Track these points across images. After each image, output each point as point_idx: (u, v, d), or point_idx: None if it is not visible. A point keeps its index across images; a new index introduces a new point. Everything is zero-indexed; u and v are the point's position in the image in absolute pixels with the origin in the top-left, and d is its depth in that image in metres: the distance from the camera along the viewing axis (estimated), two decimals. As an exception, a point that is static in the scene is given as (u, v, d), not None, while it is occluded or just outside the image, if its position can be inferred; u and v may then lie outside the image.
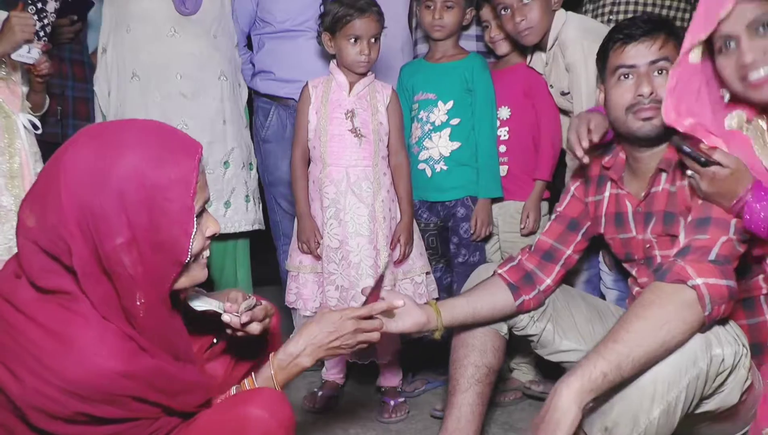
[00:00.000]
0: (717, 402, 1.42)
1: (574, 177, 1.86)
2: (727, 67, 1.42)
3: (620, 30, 1.64)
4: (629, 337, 1.32)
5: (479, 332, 1.76)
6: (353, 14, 2.12)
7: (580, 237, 1.82)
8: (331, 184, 2.18)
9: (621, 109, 1.61)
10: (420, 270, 2.26)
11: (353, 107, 2.20)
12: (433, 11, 2.32)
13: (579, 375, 1.31)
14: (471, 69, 2.35)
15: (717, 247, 1.40)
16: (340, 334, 1.38)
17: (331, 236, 2.18)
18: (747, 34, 1.37)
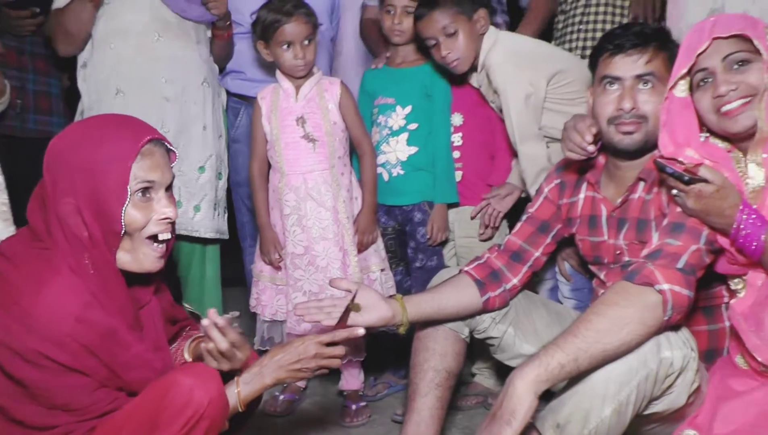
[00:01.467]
0: (666, 404, 1.46)
1: (548, 179, 1.89)
2: (703, 100, 1.48)
3: (611, 39, 1.66)
4: (589, 333, 1.35)
5: (440, 336, 1.77)
6: (281, 20, 2.12)
7: (549, 239, 1.85)
8: (290, 191, 2.19)
9: (603, 119, 1.65)
10: (375, 266, 2.27)
11: (302, 113, 2.20)
12: (393, 16, 2.31)
13: (536, 364, 1.34)
14: (430, 75, 2.36)
15: (686, 255, 1.43)
16: (301, 357, 1.42)
17: (296, 243, 2.19)
18: (722, 68, 1.43)
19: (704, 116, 1.49)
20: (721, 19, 1.47)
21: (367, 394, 2.34)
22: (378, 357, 2.43)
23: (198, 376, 1.30)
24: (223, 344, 1.37)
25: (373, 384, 2.41)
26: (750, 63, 1.42)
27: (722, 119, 1.45)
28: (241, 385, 1.39)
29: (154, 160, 1.35)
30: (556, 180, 1.86)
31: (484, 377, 2.32)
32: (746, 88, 1.42)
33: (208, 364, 1.41)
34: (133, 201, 1.32)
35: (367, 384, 2.38)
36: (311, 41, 2.17)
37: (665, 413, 1.48)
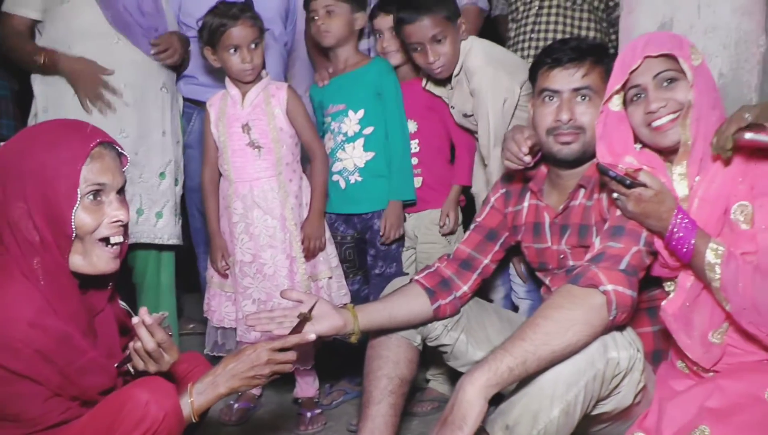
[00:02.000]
0: (613, 404, 1.49)
1: (495, 188, 1.93)
2: (636, 115, 1.55)
3: (550, 53, 1.72)
4: (537, 336, 1.37)
5: (393, 344, 1.78)
6: (227, 23, 2.11)
7: (497, 247, 1.88)
8: (237, 199, 2.18)
9: (542, 130, 1.70)
10: (323, 274, 2.26)
11: (248, 120, 2.19)
12: (317, 20, 2.30)
13: (485, 369, 1.36)
14: (378, 72, 2.34)
15: (628, 256, 1.48)
16: (254, 364, 1.43)
17: (244, 251, 2.18)
18: (653, 86, 1.50)
19: (637, 129, 1.56)
20: (652, 38, 1.54)
21: (322, 402, 2.33)
22: (334, 365, 2.42)
23: (154, 390, 1.30)
24: (150, 344, 1.35)
25: (328, 391, 2.39)
26: (677, 81, 1.50)
27: (653, 133, 1.52)
28: (195, 396, 1.38)
29: (105, 163, 1.36)
30: (501, 189, 1.90)
31: (438, 383, 2.33)
32: (674, 104, 1.49)
33: (136, 364, 1.40)
34: (84, 204, 1.33)
35: (322, 392, 2.37)
36: (258, 45, 2.15)
37: (613, 413, 1.51)
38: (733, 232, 1.47)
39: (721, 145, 1.42)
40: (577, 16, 2.57)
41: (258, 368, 1.42)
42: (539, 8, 2.59)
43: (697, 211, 1.49)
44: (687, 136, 1.47)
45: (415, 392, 2.30)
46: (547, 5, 2.58)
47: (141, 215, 2.37)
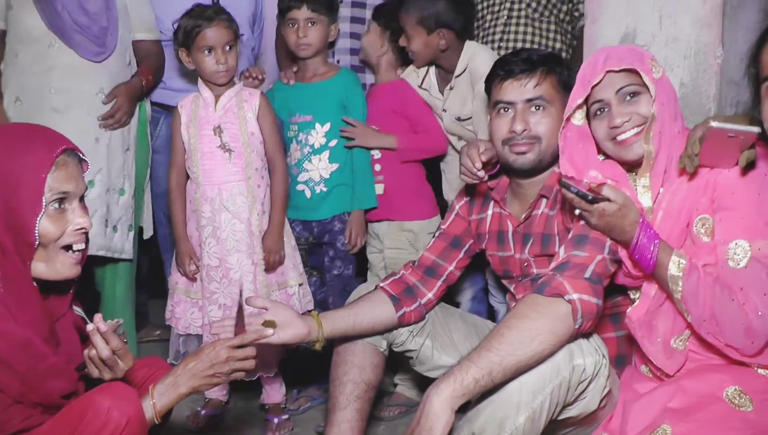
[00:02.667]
0: (579, 409, 1.51)
1: (459, 196, 1.94)
2: (599, 130, 1.56)
3: (502, 65, 1.73)
4: (502, 347, 1.38)
5: (358, 349, 1.79)
6: (202, 24, 2.10)
7: (462, 254, 1.89)
8: (205, 202, 2.16)
9: (498, 141, 1.72)
10: (294, 281, 2.26)
11: (220, 122, 2.17)
12: (296, 30, 2.32)
13: (451, 381, 1.36)
14: (344, 85, 2.39)
15: (593, 265, 1.49)
16: (213, 362, 1.42)
17: (211, 255, 2.16)
18: (616, 100, 1.52)
19: (601, 143, 1.58)
20: (612, 53, 1.56)
21: (289, 407, 2.32)
22: (301, 371, 2.41)
23: (116, 395, 1.29)
24: (105, 351, 1.33)
25: (296, 397, 2.38)
26: (640, 94, 1.52)
27: (618, 147, 1.54)
28: (156, 397, 1.37)
29: (69, 170, 1.36)
30: (465, 197, 1.91)
31: (406, 388, 2.34)
32: (638, 118, 1.51)
33: (91, 372, 1.39)
34: (48, 212, 1.31)
35: (289, 397, 2.36)
36: (232, 48, 2.15)
37: (578, 417, 1.53)
38: (694, 244, 1.50)
39: (689, 154, 1.44)
40: (545, 27, 2.61)
41: (218, 366, 1.42)
42: (507, 18, 2.62)
43: (661, 222, 1.51)
44: (650, 149, 1.49)
45: (382, 397, 2.31)
46: (515, 15, 2.61)
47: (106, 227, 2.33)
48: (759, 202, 1.43)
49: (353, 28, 2.63)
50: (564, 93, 1.69)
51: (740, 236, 1.42)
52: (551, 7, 2.60)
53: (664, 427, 1.39)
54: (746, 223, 1.42)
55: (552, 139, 1.67)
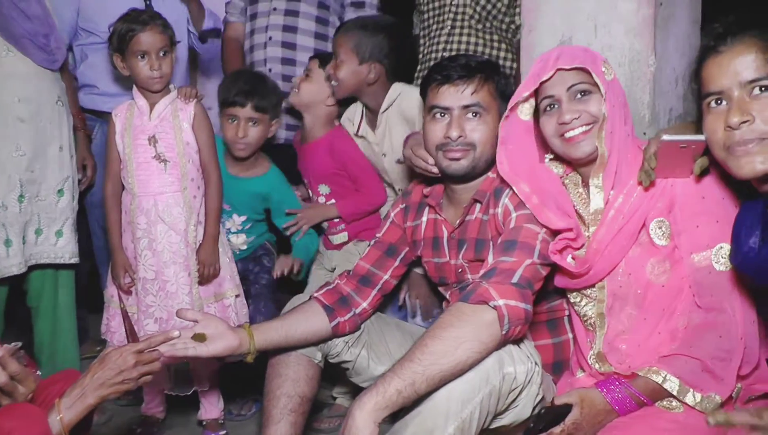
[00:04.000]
0: (511, 417, 1.49)
1: (395, 204, 1.92)
2: (548, 125, 1.56)
3: (439, 69, 1.71)
4: (425, 357, 1.35)
5: (292, 361, 1.75)
6: (136, 29, 2.05)
7: (397, 262, 1.87)
8: (141, 214, 2.10)
9: (432, 145, 1.70)
10: (230, 292, 2.21)
11: (154, 132, 2.11)
12: (236, 126, 2.28)
13: (374, 393, 1.33)
14: (270, 187, 2.37)
15: (521, 270, 1.47)
16: (120, 368, 1.39)
17: (147, 268, 2.10)
18: (567, 97, 1.52)
19: (549, 140, 1.57)
20: (565, 51, 1.56)
21: (233, 412, 2.30)
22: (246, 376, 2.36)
23: (19, 416, 1.24)
24: (1, 378, 1.28)
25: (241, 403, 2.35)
26: (591, 94, 1.52)
27: (565, 145, 1.54)
28: (64, 411, 1.32)
29: None
30: (401, 204, 1.90)
31: (345, 399, 2.31)
32: (587, 117, 1.51)
33: None
34: None
35: (235, 404, 2.34)
36: (167, 54, 2.09)
37: (511, 426, 1.51)
38: (641, 246, 1.51)
39: (646, 169, 1.45)
40: (488, 37, 2.63)
41: (126, 372, 1.39)
42: (451, 27, 2.63)
43: (611, 221, 1.51)
44: (603, 149, 1.49)
45: (322, 408, 2.29)
46: (459, 25, 2.62)
47: (40, 235, 2.26)
48: (725, 207, 1.46)
49: (285, 37, 2.64)
50: (501, 101, 1.69)
51: (723, 240, 1.43)
52: (492, 18, 2.63)
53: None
54: (721, 227, 1.44)
55: (487, 147, 1.66)
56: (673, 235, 1.49)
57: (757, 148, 1.26)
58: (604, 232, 1.52)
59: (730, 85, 1.28)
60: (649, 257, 1.50)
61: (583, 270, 1.53)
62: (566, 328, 1.75)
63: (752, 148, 1.26)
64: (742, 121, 1.26)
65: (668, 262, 1.49)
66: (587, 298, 1.60)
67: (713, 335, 1.41)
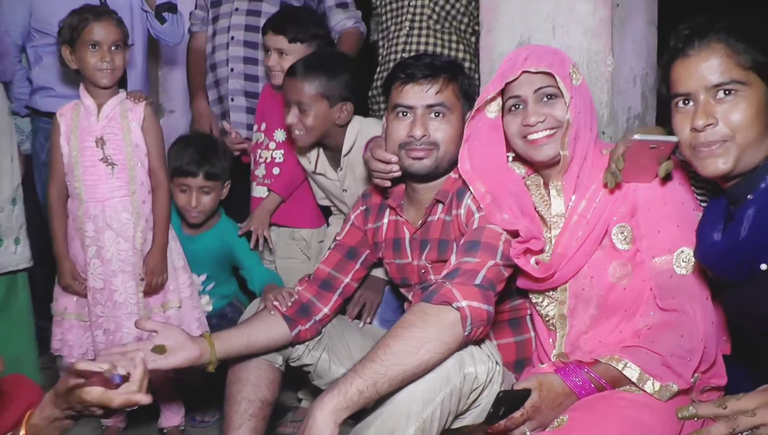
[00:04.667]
0: (472, 417, 1.49)
1: (355, 206, 1.90)
2: (512, 125, 1.55)
3: (403, 68, 1.69)
4: (387, 357, 1.34)
5: (253, 366, 1.73)
6: (89, 18, 2.00)
7: (358, 265, 1.85)
8: (89, 220, 2.03)
9: (395, 144, 1.69)
10: (171, 304, 2.15)
11: (102, 133, 2.04)
12: (188, 196, 2.24)
13: (335, 393, 1.32)
14: (220, 239, 2.33)
15: (484, 271, 1.47)
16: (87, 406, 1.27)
17: (95, 277, 2.03)
18: (533, 99, 1.51)
19: (512, 140, 1.57)
20: (534, 52, 1.54)
21: (197, 419, 2.27)
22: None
23: None
24: None
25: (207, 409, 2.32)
26: (557, 98, 1.51)
27: (528, 146, 1.54)
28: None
29: None
30: (361, 206, 1.88)
31: (309, 402, 2.27)
32: (552, 121, 1.51)
33: None
34: None
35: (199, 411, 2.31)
36: (119, 48, 2.03)
37: (473, 425, 1.51)
38: (603, 249, 1.51)
39: (612, 171, 1.45)
40: (446, 38, 2.64)
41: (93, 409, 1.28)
42: (410, 29, 2.64)
43: (574, 226, 1.52)
44: (565, 154, 1.49)
45: (286, 412, 2.27)
46: (417, 26, 2.63)
47: (1, 246, 2.20)
48: (685, 211, 1.47)
49: (247, 36, 2.62)
50: (464, 101, 1.69)
51: (683, 244, 1.44)
52: (451, 19, 2.64)
53: (562, 417, 1.40)
54: (682, 231, 1.45)
55: (450, 146, 1.66)
56: (635, 239, 1.50)
57: (720, 150, 1.30)
58: (569, 237, 1.52)
59: (696, 89, 1.32)
60: (611, 260, 1.51)
61: (548, 275, 1.53)
62: (528, 326, 1.75)
63: (716, 150, 1.31)
64: (707, 124, 1.30)
65: (630, 265, 1.50)
66: (549, 299, 1.60)
67: (675, 334, 1.43)
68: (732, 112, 1.28)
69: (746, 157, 1.30)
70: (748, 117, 1.28)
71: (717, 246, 1.35)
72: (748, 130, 1.28)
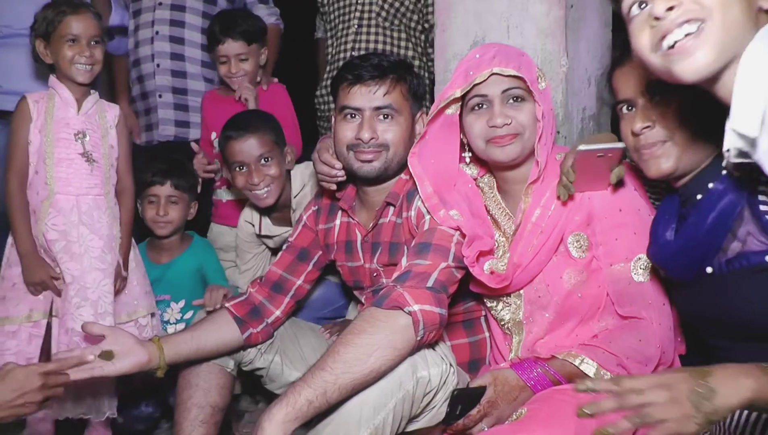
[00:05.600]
0: (426, 419, 1.48)
1: (307, 207, 1.87)
2: (476, 125, 1.52)
3: (351, 69, 1.66)
4: (337, 365, 1.31)
5: (203, 371, 1.70)
6: (66, 11, 1.93)
7: (311, 266, 1.83)
8: (58, 214, 1.94)
9: (343, 145, 1.65)
10: (145, 310, 2.09)
11: (84, 128, 1.98)
12: (156, 206, 2.21)
13: (284, 404, 1.29)
14: (196, 258, 2.29)
15: (436, 273, 1.44)
16: (24, 391, 1.29)
17: (64, 273, 1.93)
18: (500, 100, 1.50)
19: (473, 141, 1.55)
20: (501, 52, 1.52)
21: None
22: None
23: None
24: None
25: None
26: (524, 101, 1.50)
27: (490, 147, 1.52)
28: None
29: None
30: (313, 207, 1.85)
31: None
32: (516, 125, 1.49)
33: None
34: None
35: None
36: (98, 43, 1.97)
37: (427, 428, 1.50)
38: (559, 257, 1.52)
39: (565, 184, 1.45)
40: (396, 35, 2.62)
41: (30, 395, 1.29)
42: (358, 26, 2.62)
43: (528, 235, 1.51)
44: (540, 159, 1.48)
45: (243, 414, 2.25)
46: (366, 24, 2.61)
47: None
48: (641, 218, 1.47)
49: (173, 32, 2.60)
50: (413, 101, 1.67)
51: (640, 251, 1.45)
52: (401, 16, 2.62)
53: (520, 410, 1.41)
54: (639, 239, 1.45)
55: (399, 148, 1.63)
56: (591, 247, 1.51)
57: (660, 151, 1.34)
58: (524, 246, 1.52)
59: (634, 95, 1.37)
60: (566, 268, 1.51)
61: (502, 285, 1.53)
62: (483, 327, 1.75)
63: (656, 151, 1.34)
64: (644, 126, 1.34)
65: (585, 272, 1.51)
66: (504, 304, 1.60)
67: (633, 338, 1.44)
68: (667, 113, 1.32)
69: (687, 156, 1.33)
70: (683, 118, 1.30)
71: (669, 245, 1.37)
72: (685, 130, 1.31)
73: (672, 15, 1.03)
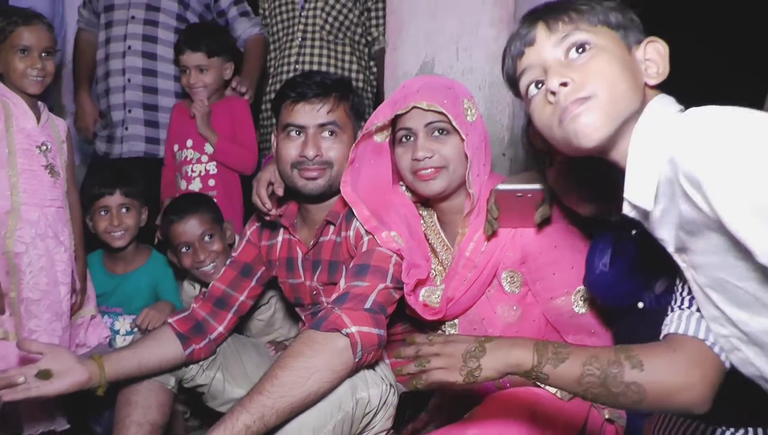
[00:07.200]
0: (367, 440, 1.50)
1: (251, 222, 1.87)
2: (404, 158, 1.55)
3: (293, 86, 1.65)
4: (274, 389, 1.32)
5: (143, 388, 1.68)
6: (18, 21, 1.89)
7: (254, 282, 1.82)
8: (25, 225, 1.87)
9: (287, 163, 1.65)
10: (87, 312, 2.06)
11: (45, 140, 1.94)
12: (109, 217, 2.17)
13: (221, 429, 1.29)
14: (152, 274, 2.24)
15: (374, 294, 1.45)
16: None
17: (31, 287, 1.86)
18: (424, 133, 1.51)
19: (402, 173, 1.58)
20: (426, 86, 1.53)
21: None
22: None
23: None
24: None
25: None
26: (449, 134, 1.51)
27: (416, 180, 1.54)
28: None
29: None
30: (256, 222, 1.84)
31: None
32: (440, 159, 1.51)
33: None
34: None
35: None
36: (50, 55, 1.93)
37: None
38: (492, 290, 1.54)
39: (489, 220, 1.46)
40: (340, 50, 2.63)
41: None
42: (302, 40, 2.62)
43: (462, 270, 1.52)
44: (473, 192, 1.49)
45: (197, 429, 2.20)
46: (309, 37, 2.62)
47: None
48: (578, 251, 1.49)
49: (145, 47, 2.57)
50: (355, 119, 1.68)
51: (580, 283, 1.47)
52: (345, 30, 2.63)
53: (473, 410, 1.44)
54: (577, 272, 1.47)
55: (343, 165, 1.63)
56: (527, 283, 1.53)
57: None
58: (457, 281, 1.53)
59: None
60: (499, 302, 1.54)
61: (435, 318, 1.56)
62: (426, 342, 1.77)
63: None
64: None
65: (519, 307, 1.54)
66: (440, 331, 1.62)
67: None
68: None
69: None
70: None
71: (604, 276, 1.39)
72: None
73: (565, 90, 1.04)
